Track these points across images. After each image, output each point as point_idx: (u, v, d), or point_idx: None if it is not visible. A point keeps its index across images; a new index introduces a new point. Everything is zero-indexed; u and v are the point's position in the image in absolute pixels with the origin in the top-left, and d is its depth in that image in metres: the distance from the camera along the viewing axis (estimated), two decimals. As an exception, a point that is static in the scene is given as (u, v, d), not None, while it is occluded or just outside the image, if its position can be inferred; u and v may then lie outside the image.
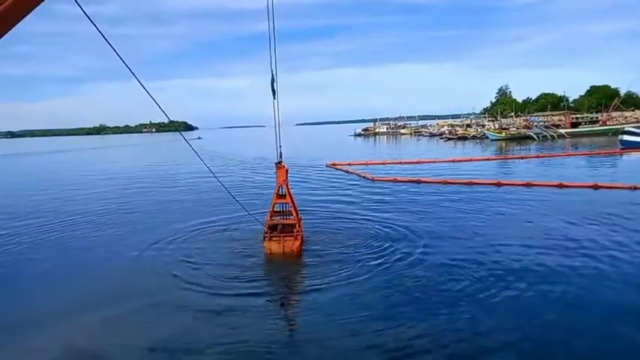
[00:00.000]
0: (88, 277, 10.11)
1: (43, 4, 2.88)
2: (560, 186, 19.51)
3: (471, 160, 34.49)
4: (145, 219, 16.16)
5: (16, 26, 2.86)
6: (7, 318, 8.01)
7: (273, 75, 10.57)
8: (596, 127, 62.43)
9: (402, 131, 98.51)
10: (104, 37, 4.85)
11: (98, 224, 15.47)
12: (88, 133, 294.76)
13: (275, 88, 10.76)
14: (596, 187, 18.80)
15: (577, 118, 70.85)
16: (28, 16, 2.83)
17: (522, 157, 36.12)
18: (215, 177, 12.14)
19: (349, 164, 33.00)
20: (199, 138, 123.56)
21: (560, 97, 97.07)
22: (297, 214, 11.77)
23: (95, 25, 4.59)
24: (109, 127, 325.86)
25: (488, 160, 35.41)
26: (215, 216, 15.66)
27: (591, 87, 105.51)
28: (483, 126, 76.10)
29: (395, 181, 23.48)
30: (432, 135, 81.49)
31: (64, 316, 7.89)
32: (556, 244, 10.96)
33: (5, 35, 2.76)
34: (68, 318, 7.82)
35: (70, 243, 13.18)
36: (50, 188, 26.61)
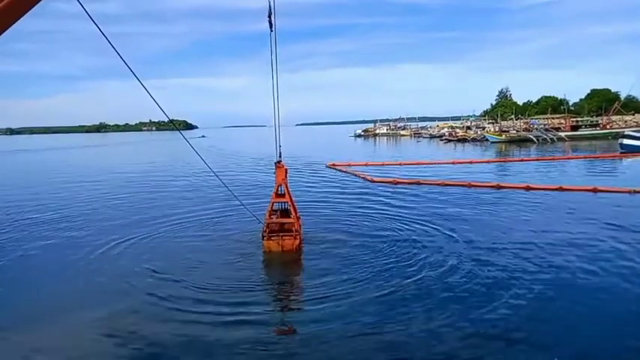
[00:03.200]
0: (65, 279, 9.85)
1: (42, 2, 2.87)
2: (560, 189, 19.51)
3: (470, 163, 34.48)
4: (140, 215, 16.07)
5: (16, 24, 2.85)
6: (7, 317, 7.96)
7: (270, 6, 10.24)
8: (596, 131, 62.52)
9: (402, 132, 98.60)
10: (105, 36, 4.85)
11: (86, 221, 15.43)
12: (87, 131, 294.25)
13: (272, 20, 10.40)
14: (595, 191, 18.79)
15: (577, 121, 70.92)
16: (28, 14, 2.82)
17: (522, 160, 36.13)
18: (218, 178, 12.12)
19: (349, 165, 33.02)
20: (203, 136, 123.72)
21: (561, 100, 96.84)
22: (296, 213, 11.77)
23: (96, 24, 4.57)
24: (109, 125, 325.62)
25: (488, 162, 35.42)
26: (214, 213, 15.72)
27: (592, 90, 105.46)
28: (483, 128, 76.23)
29: (394, 182, 23.46)
30: (431, 137, 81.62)
31: (41, 319, 7.69)
32: (555, 247, 10.94)
33: (4, 33, 2.75)
34: (46, 320, 7.66)
35: (34, 242, 12.74)
36: (35, 183, 26.61)
